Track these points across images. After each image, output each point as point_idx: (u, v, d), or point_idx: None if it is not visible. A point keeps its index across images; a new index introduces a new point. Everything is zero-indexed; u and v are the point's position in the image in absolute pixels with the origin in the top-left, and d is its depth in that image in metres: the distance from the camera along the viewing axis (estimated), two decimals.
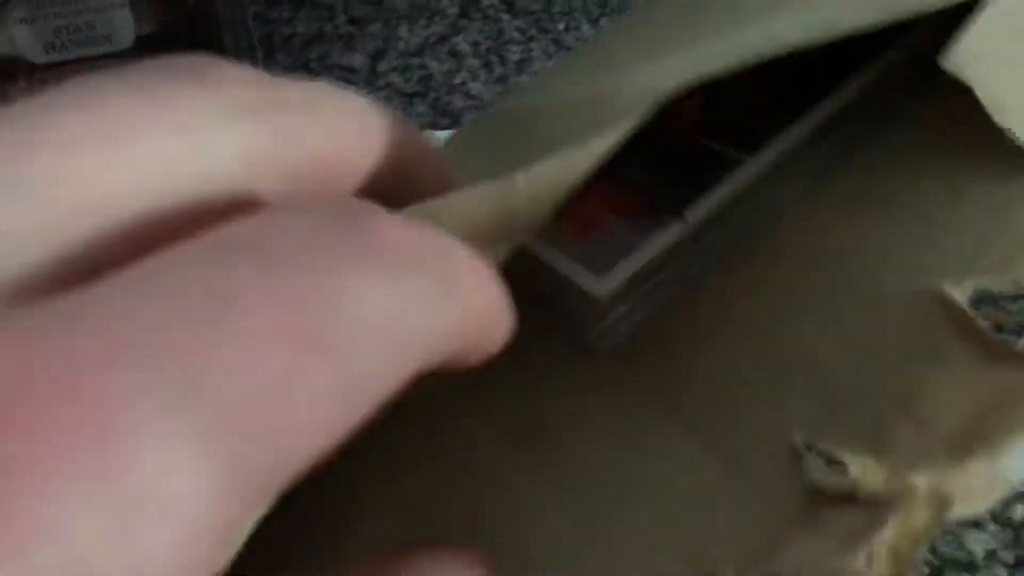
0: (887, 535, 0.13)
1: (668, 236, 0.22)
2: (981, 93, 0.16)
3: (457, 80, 0.41)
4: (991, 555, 0.26)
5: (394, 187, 0.14)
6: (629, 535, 0.16)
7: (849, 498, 0.14)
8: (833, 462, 0.15)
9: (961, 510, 0.13)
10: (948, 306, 0.16)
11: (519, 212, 0.15)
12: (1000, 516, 0.27)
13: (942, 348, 0.15)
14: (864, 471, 0.14)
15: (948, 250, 0.17)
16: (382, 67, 0.42)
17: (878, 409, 0.15)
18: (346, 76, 0.41)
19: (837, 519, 0.14)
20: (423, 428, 0.18)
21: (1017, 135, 0.17)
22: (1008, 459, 0.13)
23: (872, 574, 0.13)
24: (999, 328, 0.31)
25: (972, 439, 0.14)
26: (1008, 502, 0.27)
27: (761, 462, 0.16)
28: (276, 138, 0.13)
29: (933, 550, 0.26)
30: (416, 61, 0.42)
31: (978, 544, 0.26)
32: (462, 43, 0.43)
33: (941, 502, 0.13)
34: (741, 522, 0.16)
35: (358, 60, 0.42)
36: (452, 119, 0.39)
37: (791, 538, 0.15)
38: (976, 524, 0.26)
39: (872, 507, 0.14)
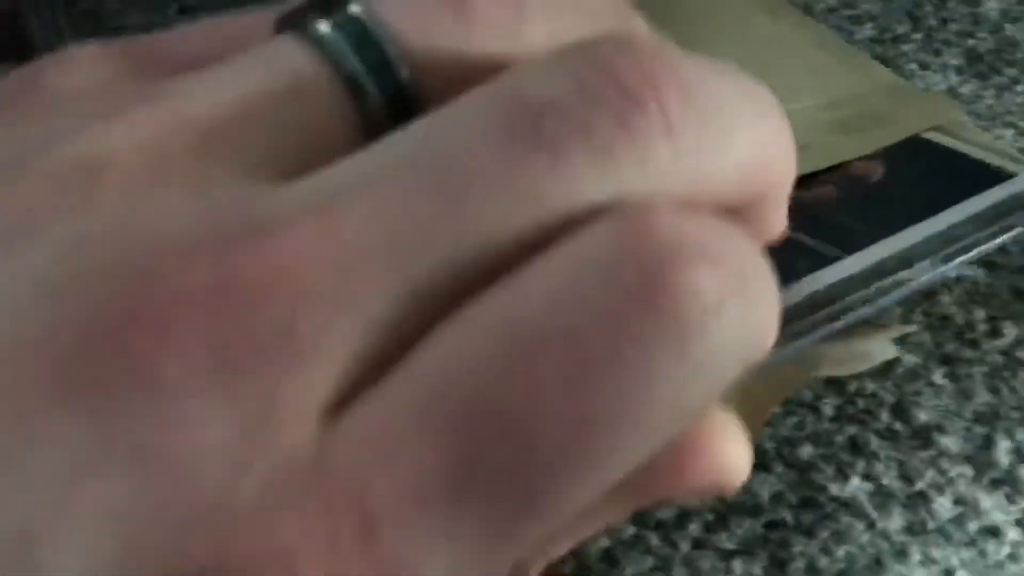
0: None
1: None
2: None
3: None
4: (777, 497, 0.26)
5: None
6: None
7: None
8: None
9: None
10: None
11: None
12: (787, 457, 0.27)
13: None
14: None
15: None
16: None
17: None
18: None
19: None
20: None
21: None
22: None
23: None
24: None
25: None
26: (795, 442, 0.27)
27: None
28: None
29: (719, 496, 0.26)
30: None
31: (764, 486, 0.26)
32: None
33: None
34: None
35: None
36: None
37: None
38: (762, 466, 0.26)
39: None
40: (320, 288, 0.12)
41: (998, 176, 0.28)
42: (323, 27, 0.14)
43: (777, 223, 0.17)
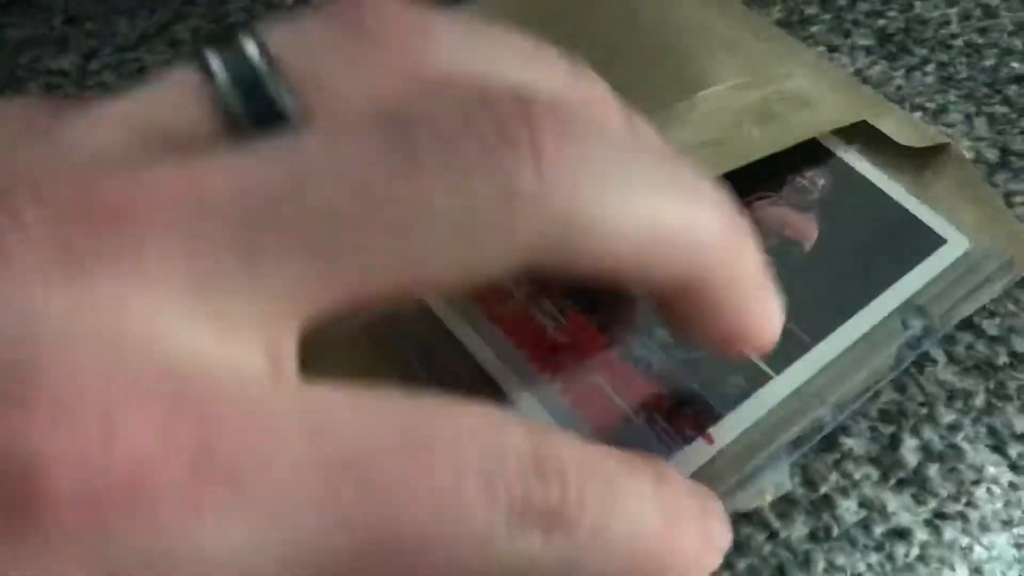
0: None
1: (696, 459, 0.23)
2: None
3: None
4: None
5: None
6: None
7: None
8: None
9: None
10: None
11: None
12: None
13: None
14: None
15: None
16: (94, 66, 0.39)
17: None
18: (55, 79, 0.39)
19: None
20: None
21: None
22: None
23: None
24: None
25: None
26: None
27: None
28: None
29: None
30: (131, 55, 0.40)
31: None
32: (183, 31, 0.41)
33: None
34: None
35: (69, 61, 0.40)
36: None
37: None
38: None
39: None
40: (171, 224, 0.13)
41: (936, 241, 0.28)
42: (213, 59, 0.15)
43: (762, 333, 0.17)
